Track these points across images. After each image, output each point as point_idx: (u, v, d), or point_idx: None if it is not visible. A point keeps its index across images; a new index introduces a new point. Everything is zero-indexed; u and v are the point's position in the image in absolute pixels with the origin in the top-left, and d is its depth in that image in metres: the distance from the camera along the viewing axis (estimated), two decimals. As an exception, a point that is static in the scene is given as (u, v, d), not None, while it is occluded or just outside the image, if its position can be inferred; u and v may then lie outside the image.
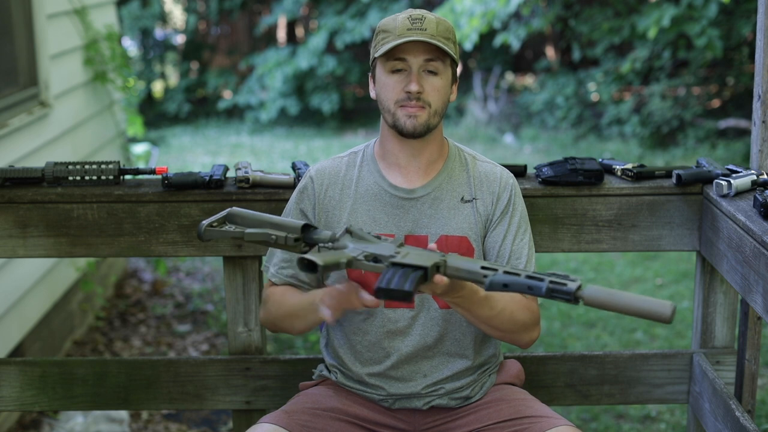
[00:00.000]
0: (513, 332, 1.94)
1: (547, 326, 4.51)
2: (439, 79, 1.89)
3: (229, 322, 2.42)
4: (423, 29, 1.85)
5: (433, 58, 1.87)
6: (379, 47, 1.89)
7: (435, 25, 1.87)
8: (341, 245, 1.69)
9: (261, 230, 1.68)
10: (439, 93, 1.90)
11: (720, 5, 7.72)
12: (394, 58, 1.88)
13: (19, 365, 2.45)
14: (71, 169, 2.34)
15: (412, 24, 1.86)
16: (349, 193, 1.98)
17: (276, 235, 1.67)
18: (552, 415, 1.93)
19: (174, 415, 3.53)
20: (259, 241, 1.70)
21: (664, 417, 3.51)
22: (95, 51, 4.61)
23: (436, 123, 1.92)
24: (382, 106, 1.93)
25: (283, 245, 1.68)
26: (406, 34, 1.85)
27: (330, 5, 11.60)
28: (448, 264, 1.62)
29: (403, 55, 1.87)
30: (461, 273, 1.61)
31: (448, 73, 1.92)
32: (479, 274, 1.58)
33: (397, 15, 1.91)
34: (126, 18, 11.50)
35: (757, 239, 1.94)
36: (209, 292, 5.05)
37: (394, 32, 1.87)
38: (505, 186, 2.00)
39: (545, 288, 1.50)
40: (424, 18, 1.87)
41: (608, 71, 10.18)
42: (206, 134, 11.08)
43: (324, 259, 1.58)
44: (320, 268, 1.56)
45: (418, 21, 1.86)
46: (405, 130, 1.90)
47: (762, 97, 2.25)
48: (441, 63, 1.89)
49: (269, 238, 1.67)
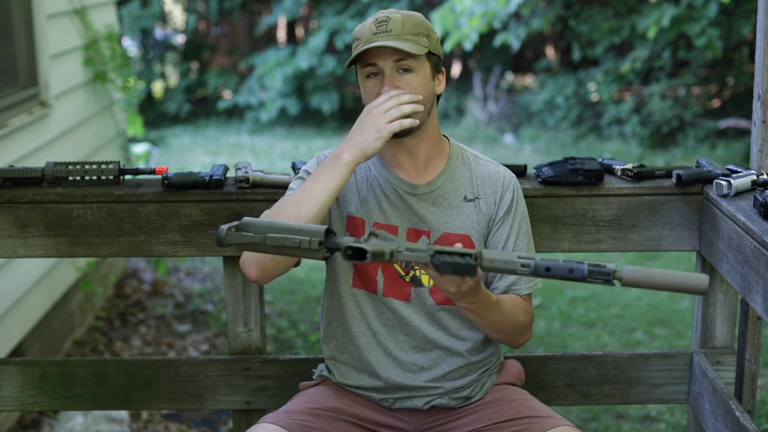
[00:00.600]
0: (514, 334, 1.96)
1: (547, 326, 4.52)
2: (414, 75, 1.90)
3: (229, 322, 2.42)
4: (388, 31, 1.87)
5: (402, 57, 1.88)
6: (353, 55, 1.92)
7: (401, 24, 1.88)
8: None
9: (282, 235, 1.66)
10: (417, 89, 1.90)
11: (720, 5, 7.72)
12: (367, 64, 1.91)
13: (19, 365, 2.45)
14: (71, 169, 2.34)
15: (377, 28, 1.88)
16: (360, 179, 2.00)
17: (299, 239, 1.64)
18: (552, 416, 1.94)
19: (174, 415, 3.53)
20: (281, 246, 1.67)
21: (664, 417, 3.51)
22: (95, 51, 4.61)
23: (420, 118, 1.92)
24: None
25: (307, 249, 1.64)
26: (371, 40, 1.87)
27: (330, 5, 11.61)
28: (484, 256, 1.63)
29: (373, 60, 1.89)
30: (497, 264, 1.62)
31: (425, 67, 1.92)
32: (516, 263, 1.59)
33: (367, 20, 1.93)
34: (126, 18, 11.50)
35: (757, 239, 1.94)
36: (209, 292, 5.05)
37: (362, 39, 1.89)
38: (507, 186, 2.01)
39: (586, 270, 1.54)
40: (389, 19, 1.88)
41: (608, 71, 10.18)
42: (206, 134, 11.09)
43: (372, 247, 1.57)
44: (369, 255, 1.56)
45: (383, 24, 1.88)
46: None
47: (762, 97, 2.25)
48: (413, 60, 1.89)
49: (292, 243, 1.65)
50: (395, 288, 1.98)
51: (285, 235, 1.65)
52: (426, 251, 1.62)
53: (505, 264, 1.61)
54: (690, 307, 4.67)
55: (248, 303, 2.40)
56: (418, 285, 1.98)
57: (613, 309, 4.77)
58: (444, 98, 11.25)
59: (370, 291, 1.99)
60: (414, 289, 1.98)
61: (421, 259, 1.63)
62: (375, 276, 1.98)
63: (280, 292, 5.09)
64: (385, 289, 1.98)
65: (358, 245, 1.57)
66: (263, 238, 1.66)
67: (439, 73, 1.97)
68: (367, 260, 1.56)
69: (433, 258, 1.61)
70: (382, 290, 1.98)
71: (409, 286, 1.98)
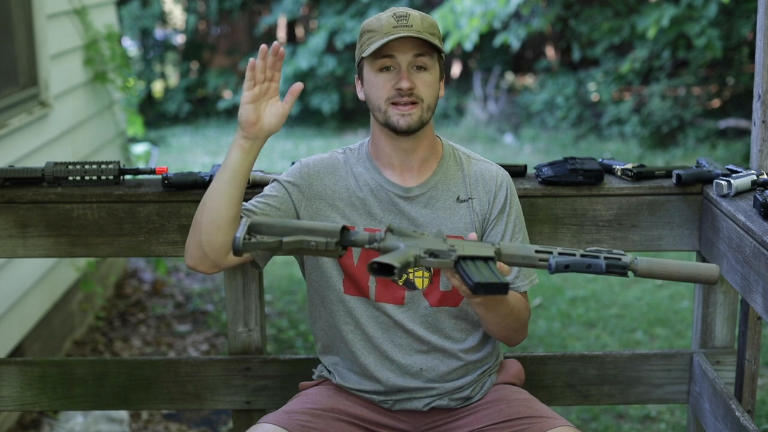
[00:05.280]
0: (516, 330, 1.95)
1: (547, 326, 4.52)
2: (428, 74, 1.90)
3: (229, 322, 2.42)
4: (409, 26, 1.86)
5: (421, 54, 1.88)
6: (366, 47, 1.90)
7: (420, 21, 1.88)
8: (390, 245, 1.64)
9: (298, 237, 1.63)
10: (430, 88, 1.90)
11: (720, 5, 7.72)
12: (382, 56, 1.88)
13: (19, 365, 2.45)
14: (71, 169, 2.34)
15: (397, 21, 1.87)
16: (352, 185, 1.98)
17: (315, 240, 1.62)
18: (552, 416, 1.93)
19: (174, 415, 3.53)
20: (298, 249, 1.65)
21: (664, 417, 3.51)
22: (95, 51, 4.61)
23: (428, 118, 1.92)
24: (372, 106, 1.93)
25: (324, 251, 1.62)
26: (392, 32, 1.86)
27: (330, 5, 11.61)
28: (503, 252, 1.64)
29: (392, 53, 1.88)
30: (516, 259, 1.64)
31: (437, 68, 1.93)
32: (535, 258, 1.62)
33: (381, 14, 1.91)
34: (126, 18, 11.50)
35: (757, 239, 1.94)
36: (209, 292, 5.05)
37: (380, 31, 1.87)
38: (501, 185, 2.00)
39: (604, 265, 1.59)
40: (408, 15, 1.88)
41: (608, 71, 10.18)
42: (206, 134, 11.09)
43: (398, 260, 1.55)
44: (397, 271, 1.53)
45: (404, 18, 1.87)
46: (399, 128, 1.90)
47: (762, 97, 2.25)
48: (429, 58, 1.89)
49: (309, 245, 1.62)
50: (388, 292, 1.96)
51: (300, 237, 1.62)
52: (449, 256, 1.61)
53: (524, 258, 1.64)
54: (690, 307, 4.67)
55: (248, 303, 2.40)
56: (412, 288, 1.97)
57: (613, 309, 4.76)
58: (444, 98, 11.25)
59: (362, 297, 1.97)
60: (408, 292, 1.96)
61: (444, 266, 1.63)
62: (367, 281, 1.96)
63: (280, 292, 5.09)
64: (378, 294, 1.96)
65: (384, 260, 1.54)
66: (279, 242, 1.62)
67: (442, 79, 1.98)
68: (395, 275, 1.54)
69: (457, 266, 1.60)
70: (374, 295, 1.96)
71: (402, 289, 1.97)
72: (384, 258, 1.55)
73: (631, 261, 1.61)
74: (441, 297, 1.97)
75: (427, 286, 1.96)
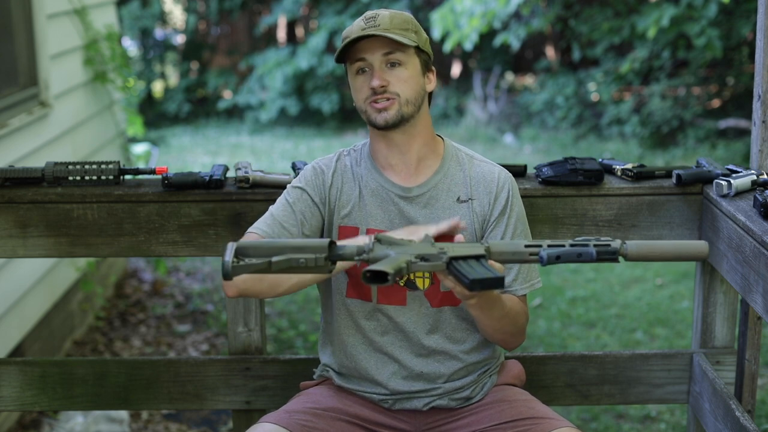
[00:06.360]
0: (512, 335, 1.96)
1: (547, 326, 4.52)
2: (404, 69, 1.91)
3: (229, 322, 2.42)
4: (377, 26, 1.89)
5: (391, 51, 1.90)
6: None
7: (389, 19, 1.90)
8: (379, 255, 1.64)
9: (286, 257, 1.62)
10: (407, 83, 1.91)
11: (720, 5, 7.72)
12: (356, 60, 1.92)
13: (19, 365, 2.45)
14: (71, 169, 2.34)
15: (366, 24, 1.90)
16: (351, 186, 2.00)
17: (305, 258, 1.62)
18: (553, 416, 1.93)
19: (174, 415, 3.53)
20: (288, 268, 1.64)
21: (664, 417, 3.51)
22: (95, 51, 4.61)
23: (410, 112, 1.92)
24: (357, 107, 1.97)
25: (314, 267, 1.62)
26: (359, 34, 1.88)
27: (330, 5, 11.61)
28: (492, 250, 1.64)
29: (362, 55, 1.90)
30: (506, 255, 1.65)
31: (415, 62, 1.93)
32: (525, 253, 1.62)
33: (357, 20, 1.95)
34: (126, 18, 11.50)
35: (757, 239, 1.94)
36: (209, 292, 5.05)
37: (350, 35, 1.91)
38: (502, 186, 2.00)
39: (594, 252, 1.60)
40: (377, 15, 1.91)
41: (608, 71, 10.18)
42: (206, 134, 11.08)
43: (391, 267, 1.56)
44: (390, 277, 1.54)
45: (372, 19, 1.90)
46: (378, 124, 1.92)
47: (762, 97, 2.25)
48: (402, 53, 1.91)
49: (299, 263, 1.62)
50: (390, 294, 1.97)
51: (289, 255, 1.62)
52: (440, 258, 1.62)
53: (513, 254, 1.64)
54: (690, 307, 4.67)
55: (248, 303, 2.40)
56: (413, 288, 1.97)
57: (613, 309, 4.76)
58: (444, 98, 11.26)
59: (363, 299, 1.98)
60: (409, 293, 1.97)
61: (437, 268, 1.63)
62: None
63: (280, 292, 5.08)
64: (379, 296, 1.97)
65: (377, 268, 1.55)
66: (268, 263, 1.62)
67: (429, 72, 1.98)
68: (389, 282, 1.54)
69: (449, 267, 1.61)
70: (376, 297, 1.97)
71: (404, 290, 1.97)
72: (377, 266, 1.56)
73: (621, 246, 1.61)
74: (442, 297, 1.97)
75: (428, 286, 1.96)
